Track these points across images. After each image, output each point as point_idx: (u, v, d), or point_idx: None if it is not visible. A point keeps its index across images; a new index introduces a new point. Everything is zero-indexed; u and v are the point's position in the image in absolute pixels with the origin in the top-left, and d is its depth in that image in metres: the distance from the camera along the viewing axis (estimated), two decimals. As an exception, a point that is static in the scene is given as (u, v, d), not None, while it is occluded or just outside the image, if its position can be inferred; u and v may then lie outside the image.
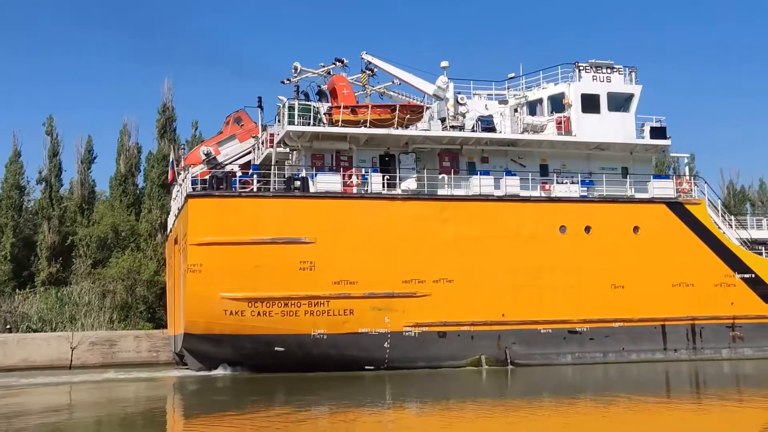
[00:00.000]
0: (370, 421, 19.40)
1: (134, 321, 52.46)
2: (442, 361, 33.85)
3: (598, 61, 38.61)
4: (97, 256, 56.48)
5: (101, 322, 50.00)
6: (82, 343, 44.12)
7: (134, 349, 45.06)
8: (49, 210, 57.82)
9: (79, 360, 43.65)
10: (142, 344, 45.36)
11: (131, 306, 53.17)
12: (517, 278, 34.87)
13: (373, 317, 33.18)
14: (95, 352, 44.31)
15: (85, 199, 60.92)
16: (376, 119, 34.64)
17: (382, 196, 34.16)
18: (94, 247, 56.71)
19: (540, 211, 35.86)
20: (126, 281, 53.22)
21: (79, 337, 44.69)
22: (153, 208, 58.11)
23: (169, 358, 44.04)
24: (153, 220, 57.83)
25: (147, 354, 44.96)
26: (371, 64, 37.37)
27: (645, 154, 39.51)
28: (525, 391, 26.90)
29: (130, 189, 61.41)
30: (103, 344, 44.72)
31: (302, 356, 32.75)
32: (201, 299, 32.26)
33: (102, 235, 57.07)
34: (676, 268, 36.91)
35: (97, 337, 45.15)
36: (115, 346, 44.83)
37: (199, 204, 32.49)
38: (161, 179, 58.23)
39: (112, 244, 57.67)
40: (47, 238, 56.74)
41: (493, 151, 37.31)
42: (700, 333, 37.12)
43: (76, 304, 50.84)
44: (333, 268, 32.78)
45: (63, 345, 43.94)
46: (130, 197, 60.99)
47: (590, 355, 35.66)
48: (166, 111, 61.49)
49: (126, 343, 45.20)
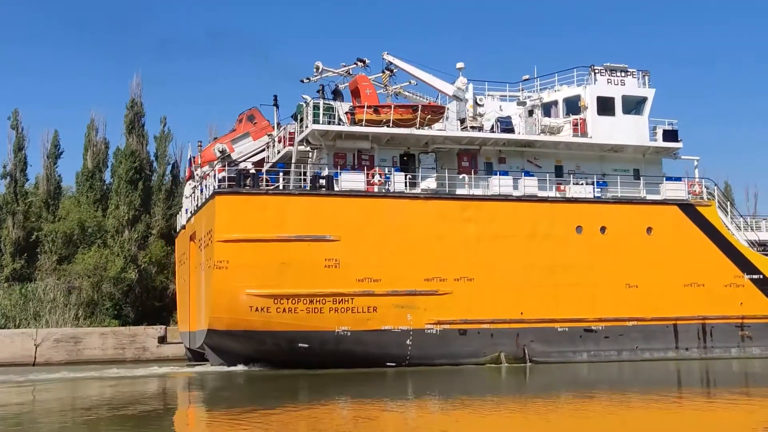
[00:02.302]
0: (395, 417, 19.54)
1: (100, 318, 52.31)
2: (462, 359, 34.34)
3: (613, 65, 39.28)
4: (62, 253, 56.15)
5: (66, 319, 49.76)
6: (47, 340, 43.90)
7: (100, 347, 44.79)
8: (13, 205, 57.24)
9: (43, 357, 43.46)
10: (108, 341, 45.09)
11: (97, 303, 53.07)
12: (535, 277, 35.44)
13: (395, 315, 33.59)
14: (60, 349, 44.09)
15: (50, 194, 60.40)
16: (398, 119, 35.07)
17: (405, 195, 34.57)
18: (60, 243, 56.31)
19: (557, 212, 36.45)
20: (92, 278, 53.08)
21: (43, 334, 44.46)
22: (120, 204, 57.85)
23: (135, 356, 44.35)
24: (120, 216, 57.54)
25: (113, 351, 44.75)
26: (392, 65, 37.73)
27: (656, 156, 40.25)
28: (544, 388, 27.41)
29: (97, 185, 61.11)
30: (68, 341, 44.47)
31: (325, 353, 33.08)
32: (226, 296, 32.48)
33: (68, 231, 56.71)
34: (688, 269, 37.65)
35: (62, 334, 44.87)
36: (81, 344, 44.58)
37: (226, 201, 32.71)
38: (129, 175, 58.09)
39: (78, 240, 57.33)
40: (11, 233, 56.27)
41: (511, 152, 37.87)
42: (710, 332, 37.91)
43: (41, 300, 50.59)
44: (357, 266, 33.16)
45: (27, 342, 43.75)
46: (97, 193, 60.69)
47: (605, 353, 36.32)
48: (134, 106, 61.15)
49: (91, 340, 44.91)
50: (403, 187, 34.86)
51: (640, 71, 39.75)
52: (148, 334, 46.11)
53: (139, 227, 58.07)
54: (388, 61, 37.76)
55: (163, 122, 63.45)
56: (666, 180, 39.11)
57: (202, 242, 35.29)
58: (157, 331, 46.52)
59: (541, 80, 40.63)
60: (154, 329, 46.81)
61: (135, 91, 61.53)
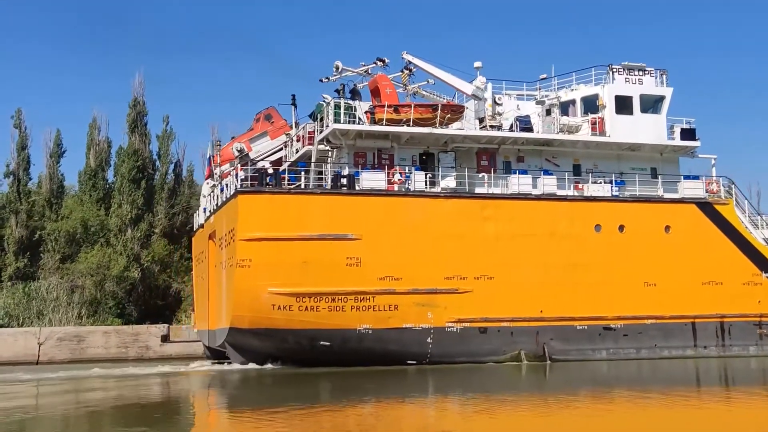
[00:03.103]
0: (419, 416, 19.59)
1: (103, 317, 52.32)
2: (482, 357, 34.51)
3: (631, 64, 39.38)
4: (65, 251, 56.24)
5: (69, 317, 49.80)
6: (50, 339, 43.99)
7: (103, 345, 44.85)
8: (16, 204, 57.41)
9: (46, 356, 43.56)
10: (111, 340, 45.15)
11: (100, 302, 53.10)
12: (554, 275, 35.58)
13: (416, 313, 33.78)
14: (63, 347, 44.18)
15: (53, 193, 60.56)
16: (418, 118, 35.24)
17: (426, 194, 34.76)
18: (63, 242, 56.40)
19: (576, 210, 36.60)
20: (95, 277, 53.19)
21: (46, 332, 44.54)
22: (123, 203, 57.96)
23: (138, 355, 44.47)
24: (123, 215, 57.64)
25: (116, 350, 44.82)
26: (411, 64, 37.91)
27: (673, 155, 40.36)
28: (565, 386, 27.58)
29: (99, 184, 61.22)
30: (71, 340, 44.53)
31: (347, 351, 33.28)
32: (249, 294, 32.70)
33: (71, 230, 56.81)
34: (706, 267, 37.76)
35: (65, 332, 44.96)
36: (84, 342, 44.64)
37: (248, 200, 32.93)
38: (131, 174, 58.26)
39: (81, 239, 57.45)
40: (15, 232, 56.42)
41: (529, 151, 38.02)
42: (728, 330, 38.03)
43: (44, 299, 50.64)
44: (378, 265, 33.35)
45: (30, 341, 43.84)
46: (100, 192, 60.79)
47: (624, 351, 36.47)
48: (136, 105, 61.31)
49: (94, 338, 44.96)
50: (423, 186, 35.05)
51: (658, 70, 39.87)
52: (151, 333, 46.16)
53: (141, 226, 58.20)
54: (408, 61, 37.94)
55: (166, 121, 63.56)
56: (684, 179, 39.20)
57: (223, 241, 35.51)
58: (159, 329, 46.57)
59: (558, 79, 40.82)
60: (157, 328, 46.88)
61: (137, 89, 61.72)
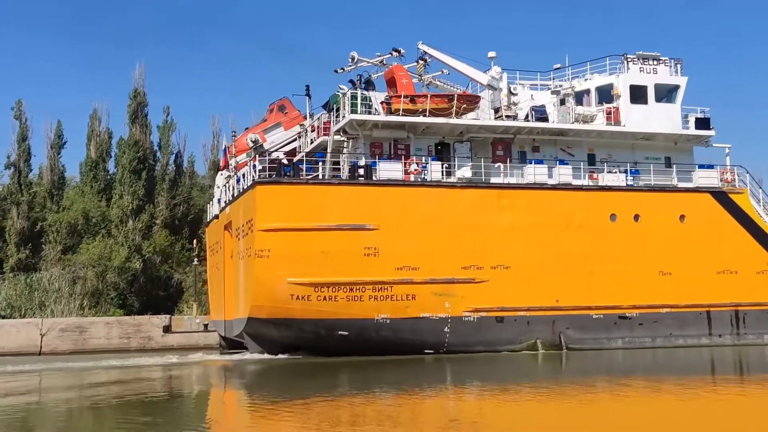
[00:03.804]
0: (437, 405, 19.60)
1: (105, 308, 52.63)
2: (499, 346, 34.68)
3: (645, 53, 39.38)
4: (67, 242, 56.62)
5: (71, 308, 50.09)
6: (52, 330, 44.17)
7: (105, 336, 45.04)
8: (17, 195, 57.75)
9: (48, 347, 43.74)
10: (113, 331, 45.31)
11: (102, 292, 53.41)
12: (570, 265, 35.71)
13: (434, 302, 33.93)
14: (65, 338, 44.37)
15: (54, 184, 60.99)
16: (434, 108, 35.29)
17: (442, 184, 34.86)
18: (64, 233, 56.80)
19: (591, 200, 36.70)
20: (97, 268, 53.46)
21: (48, 323, 44.72)
22: (124, 194, 58.19)
23: (140, 345, 44.70)
24: (124, 206, 57.89)
25: (118, 341, 44.99)
26: (426, 54, 37.94)
27: (687, 144, 40.42)
28: (581, 374, 27.68)
29: (100, 175, 61.62)
30: (74, 331, 44.69)
31: (364, 340, 33.44)
32: (268, 284, 32.86)
33: (72, 221, 57.18)
34: (721, 256, 37.88)
35: (67, 323, 45.11)
36: (86, 333, 44.80)
37: (267, 191, 33.05)
38: (132, 165, 58.48)
39: (83, 230, 57.83)
40: (16, 223, 56.83)
41: (544, 141, 38.09)
42: (743, 319, 38.16)
43: (46, 290, 50.94)
44: (396, 254, 33.49)
45: (32, 332, 44.02)
46: (101, 183, 61.20)
47: (639, 340, 36.64)
48: (137, 96, 61.54)
49: (97, 329, 45.11)
50: (439, 176, 35.14)
51: (672, 59, 39.86)
52: (152, 324, 46.33)
53: (143, 217, 58.57)
54: (423, 51, 37.97)
55: (166, 112, 63.88)
56: (699, 168, 39.27)
57: (240, 231, 35.64)
58: (161, 320, 46.70)
59: (572, 69, 40.80)
60: (159, 318, 47.04)
61: (138, 81, 62.03)
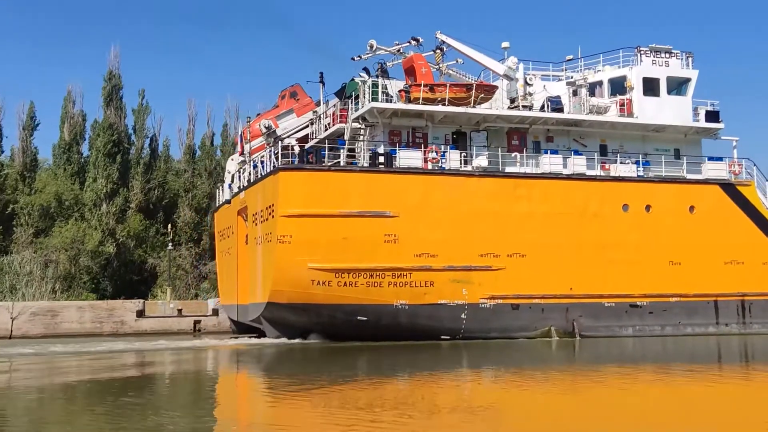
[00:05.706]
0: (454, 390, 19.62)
1: (78, 292, 52.29)
2: (514, 332, 35.27)
3: (658, 46, 39.96)
4: (39, 226, 56.26)
5: (43, 292, 49.80)
6: (23, 314, 43.86)
7: (77, 320, 44.75)
8: None
9: (19, 330, 43.42)
10: (85, 315, 45.06)
11: (74, 276, 53.15)
12: (583, 254, 36.31)
13: (451, 289, 34.44)
14: (36, 322, 44.02)
15: (26, 166, 60.51)
16: (453, 97, 35.70)
17: (461, 173, 35.30)
18: (36, 216, 56.43)
19: (604, 190, 37.28)
20: (69, 251, 53.16)
21: (19, 307, 44.39)
22: (98, 177, 57.86)
23: (113, 330, 44.57)
24: (98, 189, 57.55)
25: (90, 325, 44.76)
26: (444, 44, 38.28)
27: (696, 137, 41.10)
28: (595, 360, 28.13)
29: (74, 158, 61.20)
30: (45, 315, 44.36)
31: (383, 326, 33.91)
32: (289, 269, 33.20)
33: (44, 204, 56.73)
34: (728, 247, 38.60)
35: (38, 307, 44.80)
36: (58, 317, 44.50)
37: (290, 177, 33.35)
38: (107, 148, 58.17)
39: (55, 213, 57.39)
40: None
41: (558, 131, 38.62)
42: (749, 308, 38.98)
43: (17, 273, 50.65)
44: (415, 242, 33.93)
45: (3, 315, 43.60)
46: (75, 166, 60.78)
47: (649, 328, 37.36)
48: (112, 78, 61.17)
49: (69, 313, 44.83)
50: (457, 165, 35.58)
51: (684, 52, 40.48)
52: (126, 308, 46.18)
53: (117, 201, 58.32)
54: (441, 40, 38.31)
55: (142, 95, 63.58)
56: (708, 160, 39.98)
57: (259, 217, 35.92)
58: (135, 305, 46.56)
59: (585, 60, 41.30)
60: (132, 303, 46.89)
61: (113, 62, 61.51)
